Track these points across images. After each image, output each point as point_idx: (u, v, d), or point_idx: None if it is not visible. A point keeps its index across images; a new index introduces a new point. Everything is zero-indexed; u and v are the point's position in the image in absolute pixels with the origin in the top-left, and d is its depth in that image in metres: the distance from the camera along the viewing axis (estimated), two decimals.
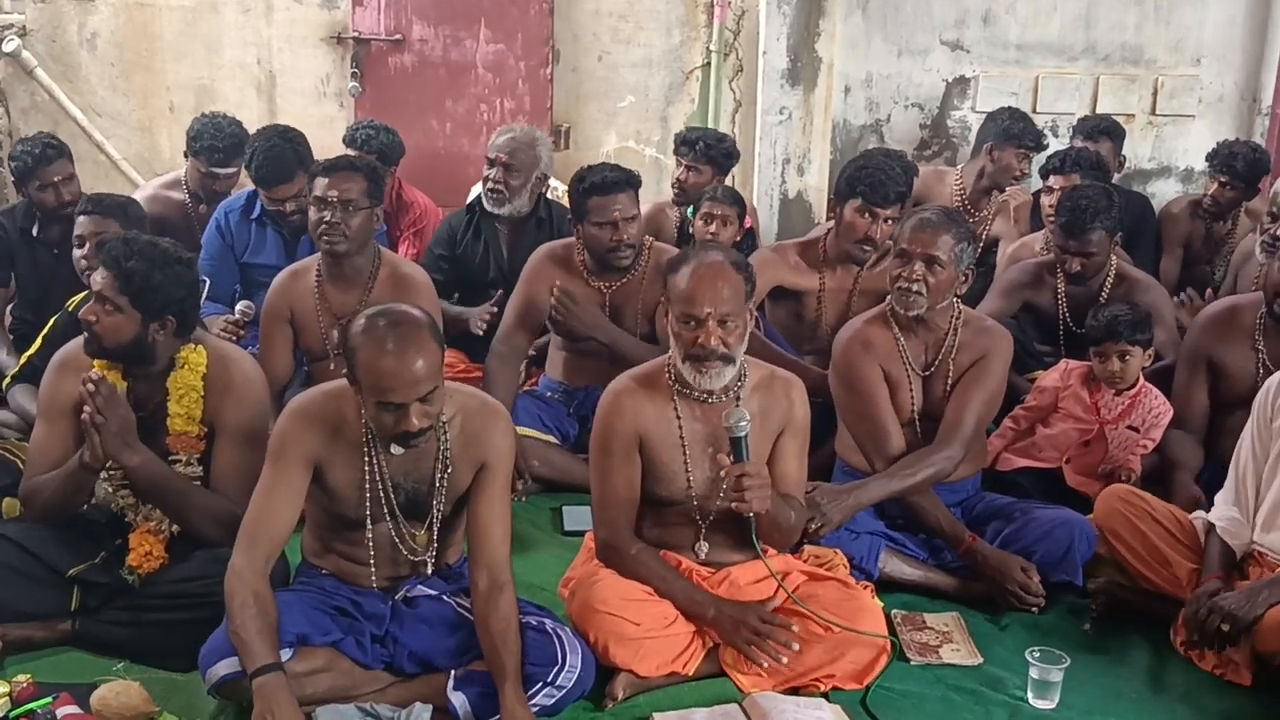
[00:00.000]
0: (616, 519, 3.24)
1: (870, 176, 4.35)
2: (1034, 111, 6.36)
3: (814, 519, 3.47)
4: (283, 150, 4.84)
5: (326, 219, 4.09)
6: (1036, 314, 4.70)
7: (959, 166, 5.91)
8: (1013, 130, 5.52)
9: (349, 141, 5.39)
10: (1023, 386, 4.36)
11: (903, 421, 3.74)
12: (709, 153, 5.32)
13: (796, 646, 3.08)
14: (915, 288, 3.62)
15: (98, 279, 3.24)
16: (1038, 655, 3.13)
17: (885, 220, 4.35)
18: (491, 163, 4.88)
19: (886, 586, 3.59)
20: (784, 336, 4.50)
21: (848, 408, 3.79)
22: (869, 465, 3.73)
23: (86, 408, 3.13)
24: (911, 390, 3.74)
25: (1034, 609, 3.55)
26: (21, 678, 3.02)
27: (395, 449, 2.93)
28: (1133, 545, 3.57)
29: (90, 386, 3.12)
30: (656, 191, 6.19)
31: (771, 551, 3.26)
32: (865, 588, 3.37)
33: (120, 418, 3.16)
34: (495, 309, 4.61)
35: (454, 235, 5.01)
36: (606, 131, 6.52)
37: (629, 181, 4.35)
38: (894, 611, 3.49)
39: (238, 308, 4.54)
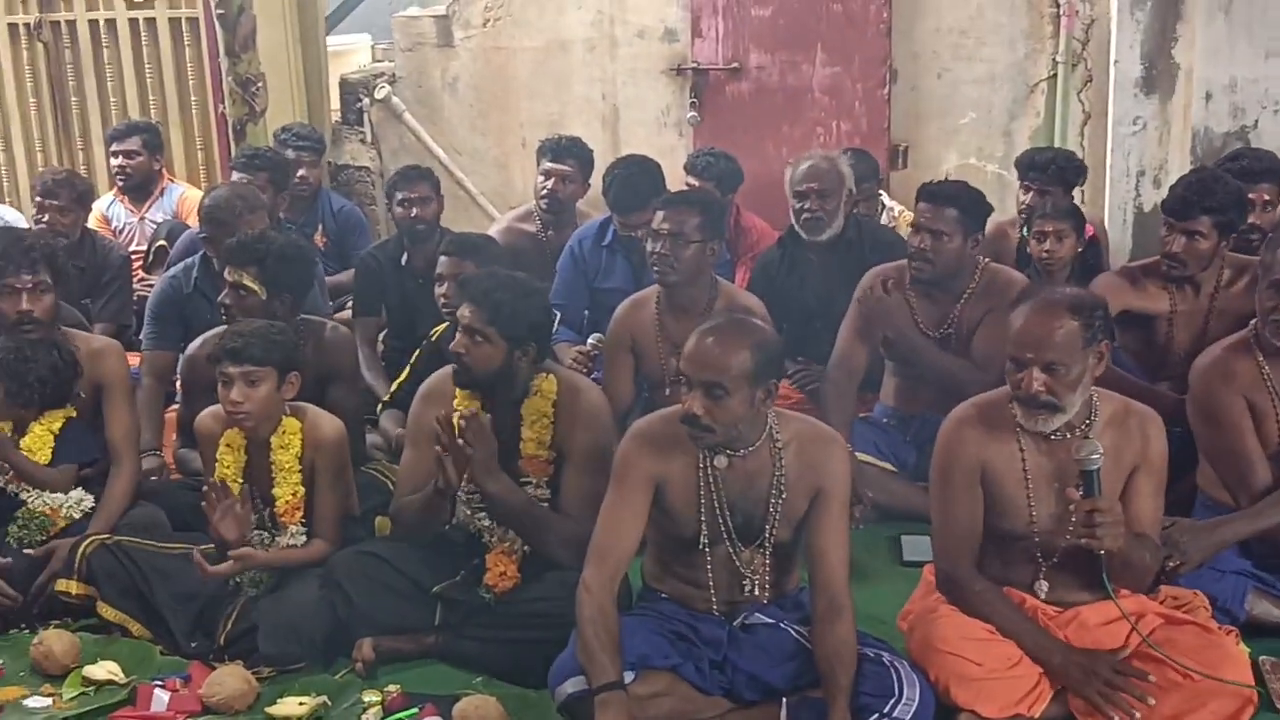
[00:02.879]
0: (958, 551, 3.18)
1: (1174, 189, 4.17)
2: None
3: (1172, 557, 3.29)
4: (640, 179, 5.04)
5: (658, 250, 4.22)
6: None
7: None
8: None
9: (689, 169, 5.52)
10: None
11: (1269, 454, 3.49)
12: (1062, 173, 5.14)
13: (1152, 701, 2.93)
14: None
15: (465, 313, 3.46)
16: None
17: (1194, 235, 4.10)
18: (802, 195, 4.86)
19: (1254, 631, 3.36)
20: (1135, 363, 4.28)
21: (1208, 440, 3.58)
22: (1233, 500, 3.51)
23: (442, 440, 3.33)
24: (1279, 421, 3.49)
25: None
26: (392, 688, 3.27)
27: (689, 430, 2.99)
28: None
29: (463, 421, 3.32)
30: (1000, 209, 6.01)
31: (1124, 592, 3.10)
32: (1229, 632, 3.16)
33: (487, 449, 3.36)
34: None
35: (768, 271, 5.01)
36: (947, 149, 6.39)
37: None
38: (1262, 658, 3.25)
39: (590, 340, 4.73)
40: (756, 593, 3.15)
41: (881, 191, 5.84)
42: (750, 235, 5.61)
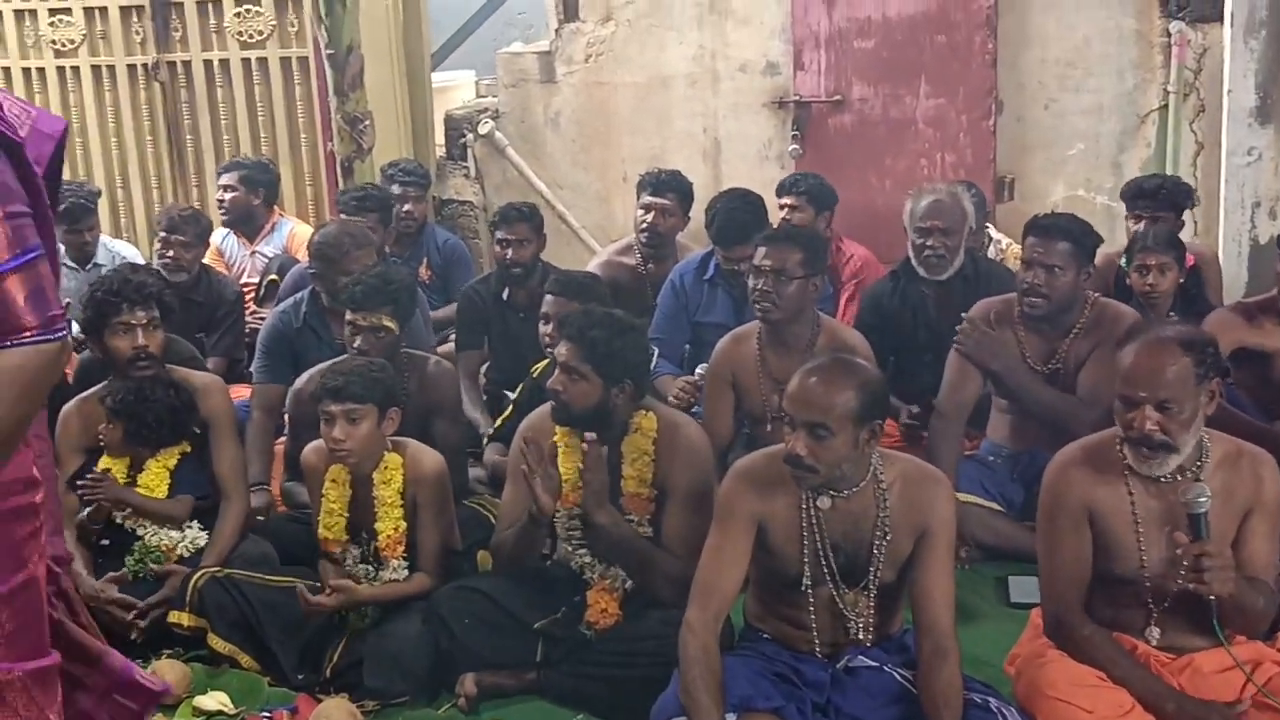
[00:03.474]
0: (1066, 595, 3.11)
1: None
2: None
3: None
4: (743, 212, 5.03)
5: (760, 287, 4.21)
6: None
7: None
8: None
9: (780, 191, 5.48)
10: None
11: None
12: (1172, 197, 5.03)
13: None
14: None
15: (562, 351, 3.49)
16: None
17: None
18: (925, 232, 4.79)
19: None
20: (1250, 401, 4.17)
21: None
22: None
23: (524, 466, 3.38)
24: None
25: None
26: None
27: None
28: None
29: (585, 447, 3.38)
30: (1110, 241, 5.90)
31: (1239, 639, 3.01)
32: None
33: (601, 480, 3.40)
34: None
35: (879, 303, 4.95)
36: (1054, 181, 6.31)
37: None
38: None
39: (697, 371, 4.73)
40: (860, 635, 3.11)
41: (989, 224, 5.77)
42: (854, 262, 5.58)
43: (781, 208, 5.38)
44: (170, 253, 5.38)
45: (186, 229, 5.40)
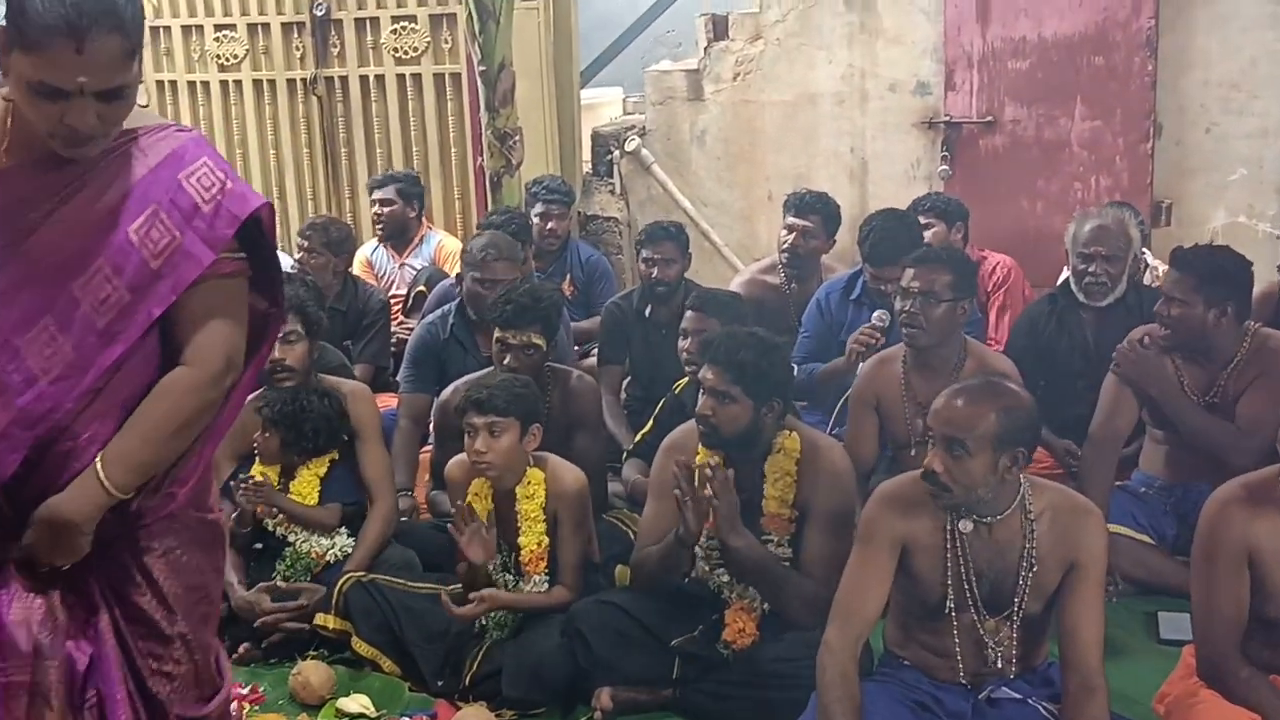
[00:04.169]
0: (1221, 637, 3.00)
1: None
2: None
3: None
4: (897, 232, 4.96)
5: (907, 309, 4.15)
6: None
7: None
8: None
9: (911, 207, 5.43)
10: None
11: None
12: None
13: None
14: None
15: (708, 375, 3.48)
16: None
17: None
18: (1087, 258, 4.66)
19: None
20: None
21: None
22: None
23: (677, 490, 3.36)
24: None
25: None
26: None
27: None
28: None
29: (708, 472, 3.35)
30: (1271, 270, 5.70)
31: None
32: None
33: (730, 503, 3.37)
34: None
35: (1034, 325, 4.83)
36: (1214, 207, 6.11)
37: None
38: None
39: (874, 316, 4.71)
40: (1001, 665, 3.04)
41: (1145, 250, 5.61)
42: (999, 270, 5.50)
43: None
44: (297, 256, 5.52)
45: (312, 237, 5.47)
